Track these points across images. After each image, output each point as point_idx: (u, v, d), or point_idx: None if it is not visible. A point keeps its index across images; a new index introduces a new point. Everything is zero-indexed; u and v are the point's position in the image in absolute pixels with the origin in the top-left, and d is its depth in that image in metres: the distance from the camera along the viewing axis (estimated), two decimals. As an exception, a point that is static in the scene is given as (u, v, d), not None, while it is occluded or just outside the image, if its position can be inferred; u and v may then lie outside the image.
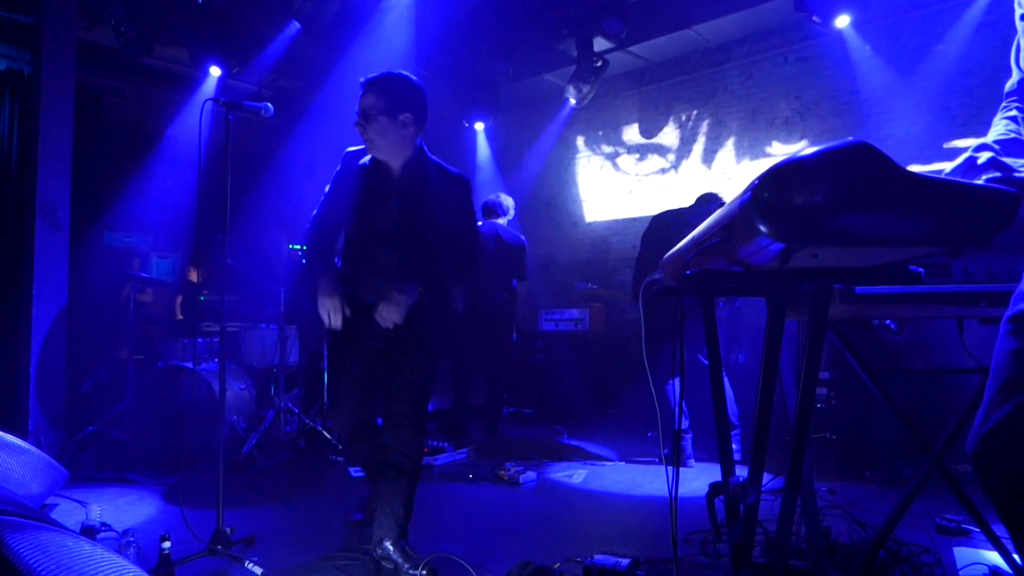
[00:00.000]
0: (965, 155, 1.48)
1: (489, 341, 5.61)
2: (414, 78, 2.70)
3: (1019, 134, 1.51)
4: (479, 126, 7.70)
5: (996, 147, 1.43)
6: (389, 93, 2.59)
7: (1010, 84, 1.59)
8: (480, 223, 5.61)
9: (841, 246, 1.13)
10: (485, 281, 5.52)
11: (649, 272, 1.73)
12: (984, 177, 1.38)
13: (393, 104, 2.58)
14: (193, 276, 6.04)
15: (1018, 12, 1.51)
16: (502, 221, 5.72)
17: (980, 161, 1.41)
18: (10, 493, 2.43)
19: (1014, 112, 1.55)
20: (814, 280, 1.40)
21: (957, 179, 1.28)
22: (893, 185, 1.03)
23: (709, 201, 4.98)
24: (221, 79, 5.95)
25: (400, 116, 2.59)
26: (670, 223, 4.77)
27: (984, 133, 1.56)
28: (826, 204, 1.04)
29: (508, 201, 5.81)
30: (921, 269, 1.35)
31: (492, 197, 5.85)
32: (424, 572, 2.49)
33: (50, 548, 1.49)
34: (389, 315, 2.57)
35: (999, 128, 1.55)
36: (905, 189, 1.03)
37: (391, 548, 2.58)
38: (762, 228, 1.10)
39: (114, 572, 1.54)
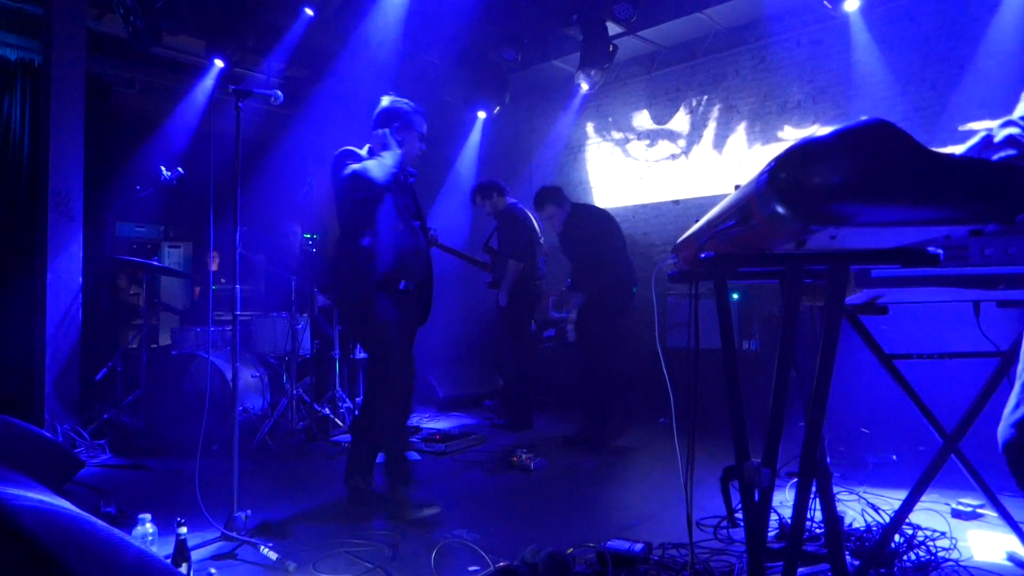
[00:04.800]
0: (983, 133, 1.46)
1: (522, 328, 5.55)
2: None
3: None
4: (483, 114, 7.65)
5: (1022, 123, 1.41)
6: None
7: None
8: (514, 200, 5.54)
9: (860, 227, 1.11)
10: (528, 266, 5.35)
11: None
12: (999, 155, 1.36)
13: None
14: (215, 265, 5.96)
15: None
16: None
17: (997, 139, 1.39)
18: (28, 480, 2.45)
19: None
20: (830, 262, 1.38)
21: (977, 157, 1.26)
22: (915, 164, 1.01)
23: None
24: (230, 68, 5.94)
25: None
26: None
27: (999, 115, 1.54)
28: (845, 184, 1.02)
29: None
30: (940, 251, 1.33)
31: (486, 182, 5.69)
32: None
33: (69, 532, 1.51)
34: None
35: None
36: (927, 168, 1.01)
37: None
38: (780, 210, 1.08)
39: (132, 554, 1.56)
